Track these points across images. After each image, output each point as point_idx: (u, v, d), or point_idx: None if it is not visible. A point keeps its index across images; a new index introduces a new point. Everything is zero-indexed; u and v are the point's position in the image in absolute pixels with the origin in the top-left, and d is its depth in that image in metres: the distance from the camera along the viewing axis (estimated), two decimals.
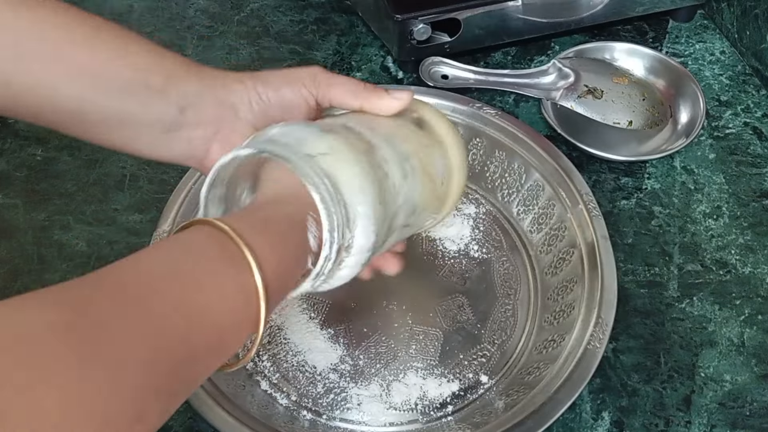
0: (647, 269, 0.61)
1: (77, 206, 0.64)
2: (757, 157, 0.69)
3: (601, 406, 0.54)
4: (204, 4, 0.82)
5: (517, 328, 0.56)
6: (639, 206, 0.65)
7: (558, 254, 0.58)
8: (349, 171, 0.39)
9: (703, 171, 0.68)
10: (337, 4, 0.82)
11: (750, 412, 0.53)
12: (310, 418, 0.52)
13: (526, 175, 0.62)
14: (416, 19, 0.69)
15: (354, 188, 0.39)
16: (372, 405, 0.52)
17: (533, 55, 0.77)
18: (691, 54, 0.78)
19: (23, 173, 0.66)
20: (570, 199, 0.59)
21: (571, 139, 0.67)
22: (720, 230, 0.64)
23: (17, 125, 0.70)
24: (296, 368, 0.54)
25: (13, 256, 0.61)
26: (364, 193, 0.40)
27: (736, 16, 0.76)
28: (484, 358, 0.55)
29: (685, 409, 0.53)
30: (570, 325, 0.53)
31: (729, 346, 0.57)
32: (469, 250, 0.61)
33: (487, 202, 0.63)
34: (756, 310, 0.59)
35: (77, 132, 0.44)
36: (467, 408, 0.52)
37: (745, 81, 0.75)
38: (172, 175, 0.66)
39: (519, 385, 0.52)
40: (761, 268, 0.61)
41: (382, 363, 0.54)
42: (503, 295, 0.58)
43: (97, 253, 0.61)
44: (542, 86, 0.70)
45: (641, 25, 0.80)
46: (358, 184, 0.40)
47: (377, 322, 0.56)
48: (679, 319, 0.58)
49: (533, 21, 0.73)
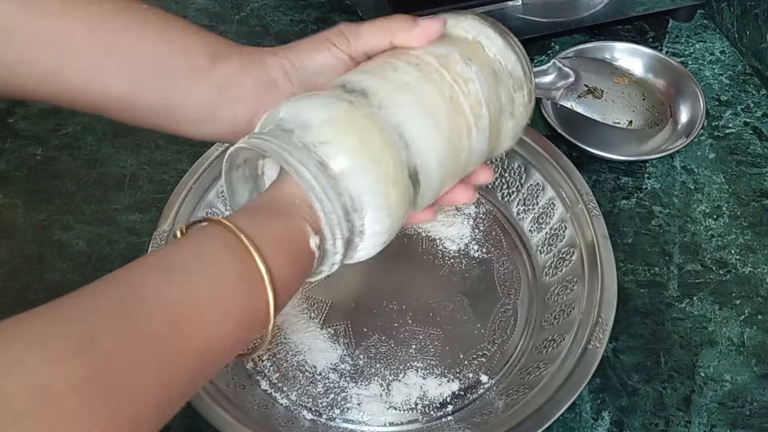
0: (647, 269, 0.61)
1: (77, 206, 0.64)
2: (757, 157, 0.69)
3: (601, 405, 0.54)
4: (204, 3, 0.82)
5: (517, 328, 0.56)
6: (639, 206, 0.65)
7: (558, 254, 0.58)
8: (350, 159, 0.37)
9: (703, 171, 0.68)
10: (337, 4, 0.81)
11: (750, 411, 0.53)
12: (310, 417, 0.52)
13: (526, 175, 0.62)
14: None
15: (357, 178, 0.37)
16: (372, 405, 0.52)
17: (533, 54, 0.77)
18: (691, 54, 0.78)
19: (23, 173, 0.67)
20: (570, 198, 0.59)
21: (571, 139, 0.67)
22: (720, 230, 0.64)
23: (17, 125, 0.70)
24: (296, 368, 0.54)
25: (13, 256, 0.61)
26: (370, 181, 0.38)
27: (736, 15, 0.76)
28: (484, 357, 0.55)
29: (685, 408, 0.53)
30: (570, 325, 0.53)
31: (729, 345, 0.57)
32: (469, 250, 0.61)
33: (487, 201, 0.63)
34: (756, 309, 0.59)
35: (123, 118, 0.44)
36: (467, 408, 0.52)
37: (745, 81, 0.75)
38: (172, 175, 0.66)
39: (519, 385, 0.52)
40: (761, 268, 0.61)
41: (382, 363, 0.54)
42: (503, 295, 0.58)
43: (97, 252, 0.61)
44: (542, 86, 0.69)
45: (641, 24, 0.80)
46: (363, 174, 0.37)
47: (377, 322, 0.56)
48: (679, 319, 0.58)
49: (533, 21, 0.73)
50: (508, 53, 0.46)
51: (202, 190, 0.58)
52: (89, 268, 0.60)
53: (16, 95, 0.42)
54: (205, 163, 0.59)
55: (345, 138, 0.37)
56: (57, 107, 0.71)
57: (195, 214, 0.57)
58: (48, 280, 0.59)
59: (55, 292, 0.58)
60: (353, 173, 0.37)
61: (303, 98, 0.40)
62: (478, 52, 0.45)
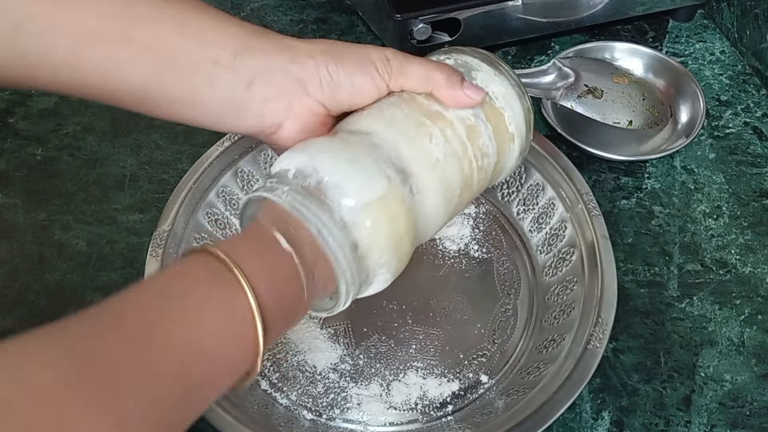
0: (647, 269, 0.61)
1: (77, 206, 0.64)
2: (757, 157, 0.69)
3: (601, 405, 0.54)
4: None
5: (517, 328, 0.56)
6: (639, 206, 0.65)
7: (558, 254, 0.58)
8: (377, 244, 0.39)
9: (703, 171, 0.68)
10: (337, 4, 0.81)
11: (750, 411, 0.53)
12: (310, 417, 0.52)
13: (526, 175, 0.62)
14: (416, 18, 0.69)
15: (378, 257, 0.40)
16: (372, 405, 0.52)
17: (533, 54, 0.77)
18: (691, 54, 0.78)
19: (23, 173, 0.67)
20: (570, 198, 0.59)
21: (571, 139, 0.67)
22: (720, 230, 0.64)
23: (17, 125, 0.70)
24: (296, 368, 0.54)
25: (13, 256, 0.61)
26: (389, 259, 0.40)
27: (736, 15, 0.76)
28: (484, 357, 0.55)
29: (685, 408, 0.53)
30: (570, 325, 0.53)
31: (729, 345, 0.57)
32: (469, 250, 0.61)
33: (487, 201, 0.63)
34: (756, 309, 0.59)
35: (143, 110, 0.43)
36: (467, 408, 0.52)
37: (745, 81, 0.75)
38: (172, 175, 0.66)
39: (519, 385, 0.52)
40: (761, 268, 0.61)
41: (382, 363, 0.54)
42: (503, 295, 0.58)
43: (97, 252, 0.61)
44: (542, 86, 0.69)
45: (641, 24, 0.80)
46: (385, 254, 0.40)
47: (377, 322, 0.56)
48: (679, 319, 0.58)
49: (533, 21, 0.73)
50: (523, 125, 0.49)
51: (202, 190, 0.58)
52: (89, 268, 0.60)
53: (30, 86, 0.41)
54: (205, 163, 0.59)
55: (377, 225, 0.39)
56: (57, 107, 0.71)
57: (195, 214, 0.57)
58: (48, 280, 0.59)
59: (55, 292, 0.58)
60: (376, 253, 0.39)
61: (342, 157, 0.40)
62: (500, 125, 0.47)
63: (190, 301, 0.33)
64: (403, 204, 0.41)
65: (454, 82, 0.44)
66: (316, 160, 0.39)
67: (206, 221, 0.58)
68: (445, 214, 0.45)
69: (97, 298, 0.58)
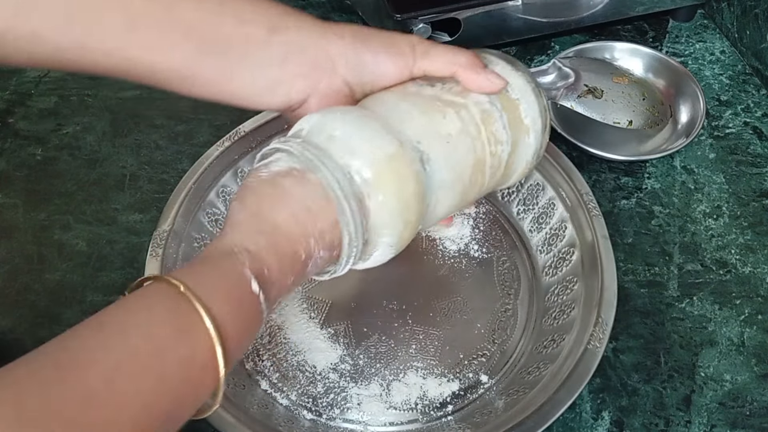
0: (647, 269, 0.61)
1: (77, 206, 0.64)
2: (757, 157, 0.69)
3: (601, 405, 0.54)
4: None
5: (517, 328, 0.56)
6: (639, 206, 0.65)
7: (558, 254, 0.58)
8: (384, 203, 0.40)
9: (703, 171, 0.68)
10: (337, 4, 0.81)
11: (750, 411, 0.53)
12: (310, 417, 0.52)
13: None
14: (416, 18, 0.69)
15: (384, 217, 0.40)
16: (372, 405, 0.52)
17: (533, 54, 0.77)
18: (691, 54, 0.78)
19: (23, 173, 0.67)
20: (570, 198, 0.59)
21: (571, 139, 0.67)
22: (720, 230, 0.64)
23: (17, 125, 0.70)
24: (296, 368, 0.54)
25: (13, 256, 0.61)
26: (394, 222, 0.41)
27: (736, 15, 0.76)
28: (484, 357, 0.55)
29: (685, 408, 0.53)
30: (570, 325, 0.53)
31: (729, 345, 0.57)
32: (469, 250, 0.61)
33: (487, 201, 0.63)
34: (756, 309, 0.59)
35: (181, 90, 0.44)
36: (467, 408, 0.52)
37: (745, 81, 0.75)
38: (172, 174, 0.66)
39: (519, 385, 0.52)
40: (761, 268, 0.61)
41: (382, 363, 0.54)
42: (503, 295, 0.58)
43: (97, 252, 0.61)
44: (542, 86, 0.69)
45: (641, 24, 0.80)
46: (389, 215, 0.40)
47: (377, 322, 0.56)
48: (679, 319, 0.58)
49: (533, 21, 0.73)
50: (539, 121, 0.49)
51: (202, 190, 0.58)
52: (89, 268, 0.60)
53: (88, 70, 0.42)
54: (205, 163, 0.59)
55: (385, 183, 0.40)
56: (57, 107, 0.71)
57: (195, 214, 0.57)
58: (48, 280, 0.59)
59: (55, 292, 0.58)
60: (382, 213, 0.40)
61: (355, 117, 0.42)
62: (516, 115, 0.48)
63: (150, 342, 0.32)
64: (412, 169, 0.41)
65: (476, 65, 0.46)
66: (328, 118, 0.41)
67: (206, 221, 0.58)
68: (455, 195, 0.45)
69: (97, 298, 0.58)
